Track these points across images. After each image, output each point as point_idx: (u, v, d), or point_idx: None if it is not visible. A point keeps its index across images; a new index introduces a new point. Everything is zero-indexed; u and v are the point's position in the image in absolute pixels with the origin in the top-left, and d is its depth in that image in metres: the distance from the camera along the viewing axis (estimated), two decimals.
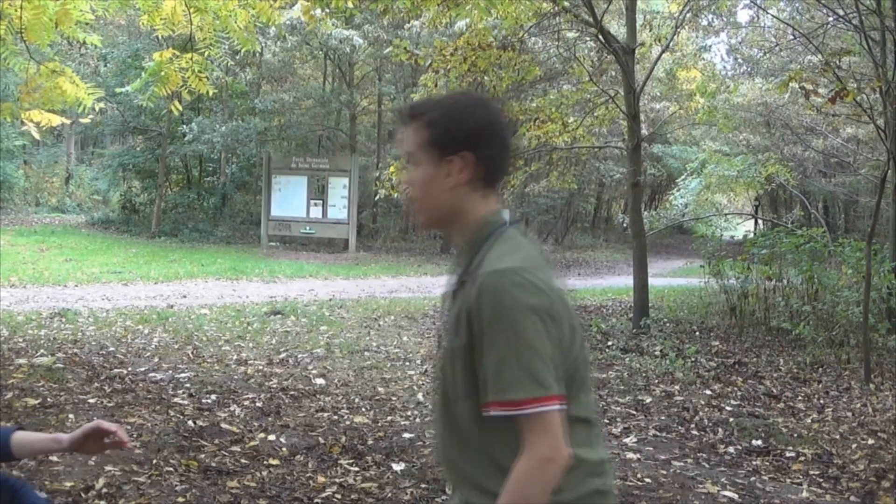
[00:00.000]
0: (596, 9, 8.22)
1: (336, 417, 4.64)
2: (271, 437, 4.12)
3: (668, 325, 8.73)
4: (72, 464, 3.47)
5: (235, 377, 5.50)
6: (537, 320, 1.33)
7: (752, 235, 15.59)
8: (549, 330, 1.34)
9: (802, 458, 4.21)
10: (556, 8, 8.21)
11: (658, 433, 4.65)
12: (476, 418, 1.39)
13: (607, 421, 4.82)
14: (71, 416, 4.17)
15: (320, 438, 4.17)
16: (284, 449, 3.97)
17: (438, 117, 1.48)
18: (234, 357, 6.23)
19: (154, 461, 3.60)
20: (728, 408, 5.23)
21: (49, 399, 4.48)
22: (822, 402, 5.49)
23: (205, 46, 5.43)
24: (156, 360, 5.92)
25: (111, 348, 6.26)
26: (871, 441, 4.54)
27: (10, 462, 2.05)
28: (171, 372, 5.50)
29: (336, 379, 5.66)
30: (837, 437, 4.61)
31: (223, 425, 4.28)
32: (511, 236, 1.46)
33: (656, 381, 6.01)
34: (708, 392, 5.69)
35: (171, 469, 3.53)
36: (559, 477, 1.33)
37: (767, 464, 4.13)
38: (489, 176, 1.49)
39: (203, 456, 3.75)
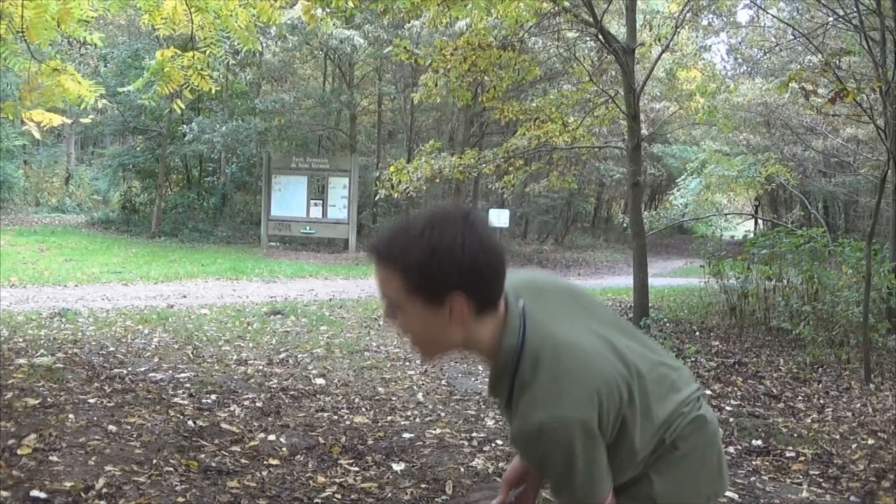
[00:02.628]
0: (596, 9, 8.22)
1: (336, 417, 4.64)
2: (271, 437, 4.12)
3: (668, 325, 8.73)
4: (72, 464, 3.47)
5: (235, 377, 5.50)
6: (588, 446, 1.36)
7: (752, 235, 15.58)
8: (597, 450, 1.38)
9: (802, 458, 4.21)
10: (556, 8, 8.21)
11: None
12: None
13: None
14: (71, 416, 4.17)
15: (320, 438, 4.17)
16: (284, 449, 3.97)
17: (417, 263, 1.33)
18: (234, 357, 6.23)
19: (154, 461, 3.59)
20: (728, 408, 5.23)
21: (49, 399, 4.47)
22: (822, 402, 5.49)
23: (206, 46, 5.43)
24: (156, 360, 5.91)
25: (111, 348, 6.26)
26: (871, 441, 4.54)
27: (10, 462, 2.06)
28: (171, 372, 5.50)
29: (336, 379, 5.66)
30: (837, 437, 4.62)
31: (223, 425, 4.27)
32: (535, 353, 1.39)
33: None
34: (708, 392, 5.69)
35: (171, 469, 3.53)
36: None
37: (767, 464, 4.13)
38: (487, 301, 1.39)
39: (203, 456, 3.75)
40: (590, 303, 1.59)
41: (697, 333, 8.27)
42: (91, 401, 4.53)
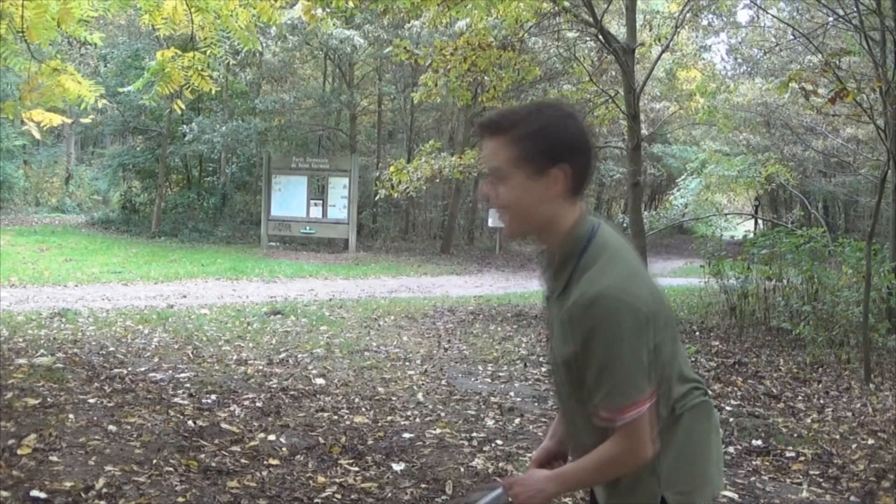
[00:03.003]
0: (596, 9, 8.21)
1: (336, 417, 4.64)
2: (271, 437, 4.12)
3: None
4: (72, 464, 3.47)
5: (235, 377, 5.50)
6: (634, 333, 1.41)
7: (751, 235, 15.59)
8: (645, 338, 1.43)
9: (802, 458, 4.21)
10: (556, 8, 8.20)
11: None
12: (586, 414, 1.53)
13: None
14: (71, 416, 4.17)
15: (320, 438, 4.17)
16: (284, 449, 3.97)
17: (532, 132, 1.48)
18: (234, 357, 6.23)
19: (154, 461, 3.59)
20: (728, 408, 5.23)
21: (49, 399, 4.47)
22: (822, 402, 5.49)
23: (206, 46, 5.43)
24: (156, 360, 5.91)
25: (111, 348, 6.26)
26: (871, 441, 4.54)
27: (10, 462, 2.06)
28: (171, 372, 5.50)
29: (336, 379, 5.66)
30: (837, 437, 4.61)
31: (223, 425, 4.28)
32: (603, 243, 1.50)
33: None
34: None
35: (171, 469, 3.53)
36: (634, 470, 1.50)
37: (767, 464, 4.13)
38: (581, 185, 1.52)
39: (203, 456, 3.75)
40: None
41: (697, 333, 8.27)
42: (91, 401, 4.53)
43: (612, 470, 1.51)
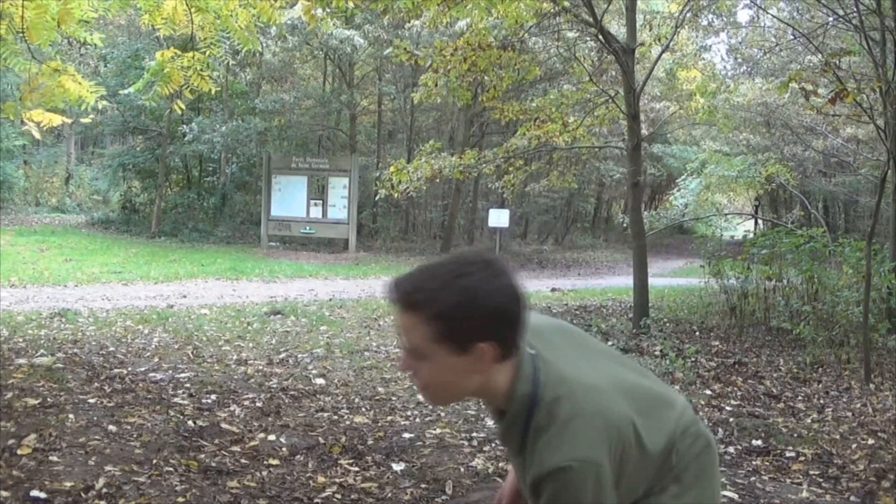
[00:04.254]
0: (596, 9, 8.21)
1: (336, 417, 4.64)
2: (271, 437, 4.12)
3: (668, 324, 8.73)
4: (72, 464, 3.47)
5: (235, 377, 5.50)
6: (592, 497, 1.32)
7: (751, 235, 15.58)
8: (604, 492, 1.34)
9: (802, 458, 4.21)
10: (556, 8, 8.21)
11: None
12: None
13: None
14: (71, 416, 4.17)
15: (320, 438, 4.17)
16: (284, 449, 3.97)
17: (448, 309, 1.32)
18: (234, 357, 6.23)
19: (154, 461, 3.59)
20: (728, 408, 5.23)
21: (49, 399, 4.47)
22: (822, 402, 5.49)
23: (206, 46, 5.43)
24: (156, 360, 5.92)
25: (111, 348, 6.26)
26: (871, 441, 4.54)
27: (10, 462, 2.06)
28: (171, 372, 5.50)
29: (336, 379, 5.66)
30: (837, 437, 4.61)
31: (223, 425, 4.27)
32: (552, 400, 1.38)
33: None
34: (708, 392, 5.69)
35: (171, 469, 3.53)
36: None
37: (767, 464, 4.13)
38: (511, 348, 1.38)
39: (203, 456, 3.75)
40: (582, 337, 1.58)
41: (697, 333, 8.27)
42: (91, 401, 4.53)
43: None
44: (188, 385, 5.14)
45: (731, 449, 4.35)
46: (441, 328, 1.32)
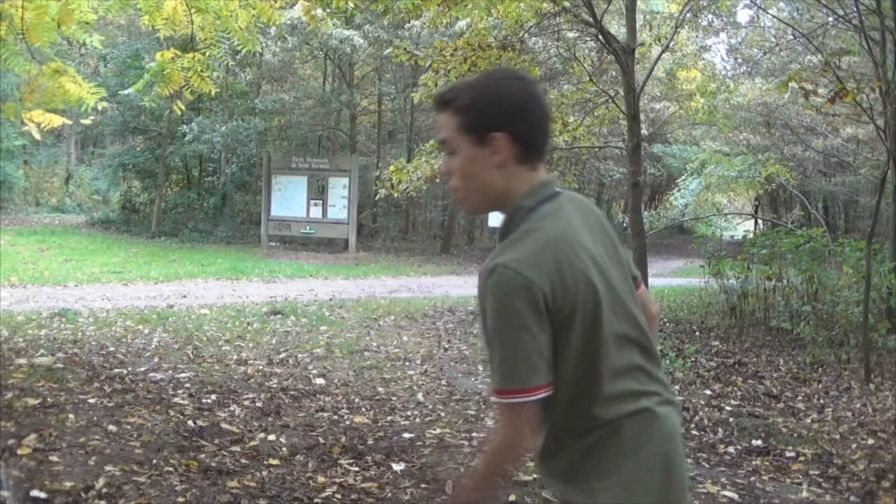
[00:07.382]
0: (596, 9, 8.21)
1: (336, 417, 4.65)
2: (271, 437, 4.12)
3: (667, 324, 8.73)
4: (72, 464, 3.47)
5: (235, 377, 5.50)
6: (519, 316, 1.35)
7: (751, 235, 15.59)
8: (535, 323, 1.36)
9: (802, 458, 4.21)
10: (556, 8, 8.20)
11: None
12: None
13: None
14: (71, 416, 4.18)
15: (320, 438, 4.17)
16: (284, 449, 3.97)
17: (469, 101, 1.48)
18: (234, 357, 6.23)
19: (154, 461, 3.60)
20: (728, 408, 5.24)
21: (49, 399, 4.48)
22: (822, 402, 5.49)
23: (206, 46, 5.43)
24: (156, 360, 5.92)
25: (111, 348, 6.26)
26: (871, 441, 4.54)
27: (10, 462, 2.06)
28: (171, 372, 5.50)
29: (336, 379, 5.66)
30: (837, 437, 4.61)
31: (223, 425, 4.28)
32: (542, 216, 1.46)
33: None
34: (708, 392, 5.69)
35: (171, 469, 3.53)
36: (515, 460, 1.45)
37: (767, 464, 4.13)
38: (529, 151, 1.49)
39: (203, 456, 3.75)
40: (617, 254, 1.56)
41: (697, 333, 8.28)
42: (91, 401, 4.53)
43: (496, 459, 1.43)
44: (188, 385, 5.14)
45: (731, 449, 4.36)
46: (463, 118, 1.47)
